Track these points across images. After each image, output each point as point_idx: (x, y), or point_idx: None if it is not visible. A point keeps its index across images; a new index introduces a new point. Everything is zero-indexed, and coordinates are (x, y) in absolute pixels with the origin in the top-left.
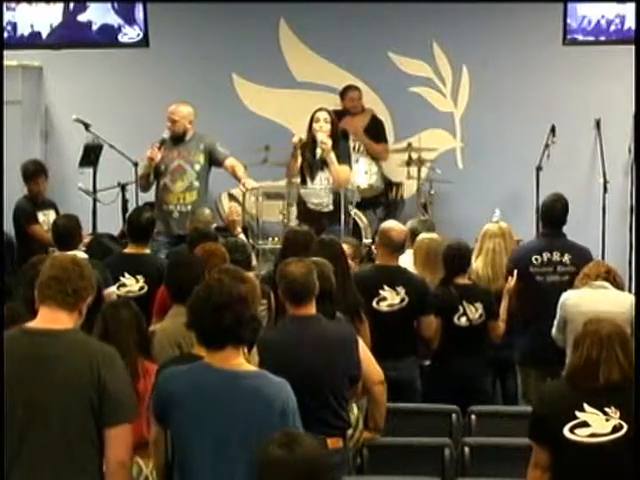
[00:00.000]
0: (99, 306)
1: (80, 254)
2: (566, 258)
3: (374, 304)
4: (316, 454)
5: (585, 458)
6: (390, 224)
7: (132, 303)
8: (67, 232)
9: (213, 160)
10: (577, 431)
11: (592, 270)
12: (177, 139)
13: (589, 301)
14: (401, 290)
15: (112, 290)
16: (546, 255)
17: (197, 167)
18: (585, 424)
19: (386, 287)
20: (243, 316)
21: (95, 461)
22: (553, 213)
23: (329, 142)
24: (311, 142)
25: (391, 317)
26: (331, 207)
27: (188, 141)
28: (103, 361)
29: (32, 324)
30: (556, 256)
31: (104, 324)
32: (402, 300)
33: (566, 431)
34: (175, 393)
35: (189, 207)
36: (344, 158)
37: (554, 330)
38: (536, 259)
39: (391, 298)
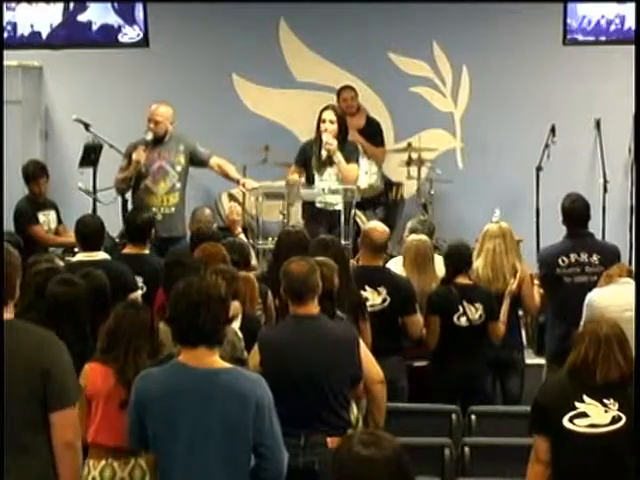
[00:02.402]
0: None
1: (104, 255)
2: (595, 258)
3: None
4: (401, 450)
5: (584, 448)
6: (373, 225)
7: (145, 306)
8: (91, 233)
9: (195, 161)
10: (576, 421)
11: (615, 271)
12: (157, 140)
13: (616, 296)
14: (382, 290)
15: (138, 294)
16: (573, 256)
17: (178, 168)
18: (584, 415)
19: (368, 287)
20: (219, 317)
21: (42, 445)
22: (574, 213)
23: (334, 143)
24: (318, 141)
25: (373, 317)
26: (340, 206)
27: (167, 142)
28: (45, 346)
29: None
30: (584, 257)
31: (117, 326)
32: (384, 300)
33: (565, 421)
34: (148, 394)
35: (172, 209)
36: (351, 156)
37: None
38: (563, 261)
39: (373, 298)
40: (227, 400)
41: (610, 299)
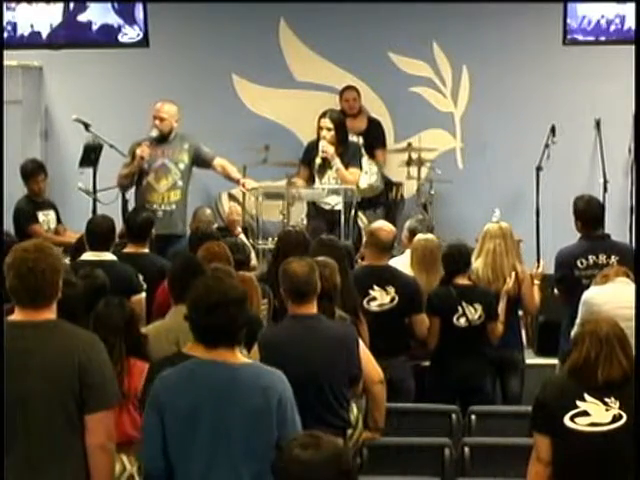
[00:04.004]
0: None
1: (110, 256)
2: (613, 260)
3: (364, 304)
4: (341, 451)
5: (585, 447)
6: (379, 224)
7: (126, 303)
8: (101, 233)
9: (199, 161)
10: (577, 420)
11: (612, 271)
12: (161, 138)
13: (613, 296)
14: (391, 289)
15: (142, 296)
16: (592, 258)
17: (181, 166)
18: (585, 413)
19: (376, 287)
20: (238, 317)
21: (79, 445)
22: (590, 214)
23: (330, 150)
24: (317, 147)
25: (381, 317)
26: (340, 206)
27: (172, 140)
28: (84, 348)
29: (14, 317)
30: (602, 258)
31: (95, 323)
32: (392, 299)
33: (567, 420)
34: (167, 393)
35: (173, 206)
36: (353, 159)
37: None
38: (581, 262)
39: (381, 298)
40: (250, 393)
41: (607, 297)
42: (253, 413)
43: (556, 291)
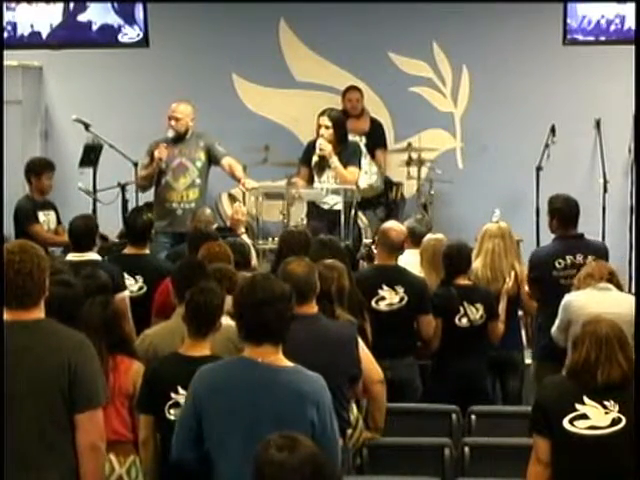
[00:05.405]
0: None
1: (94, 256)
2: (590, 260)
3: (373, 303)
4: (317, 453)
5: (584, 450)
6: (390, 224)
7: (110, 302)
8: (82, 233)
9: (211, 158)
10: (577, 423)
11: (596, 271)
12: (177, 137)
13: (594, 302)
14: (400, 289)
15: (125, 295)
16: (569, 258)
17: (199, 164)
18: (585, 416)
19: (385, 287)
20: (284, 314)
21: (69, 445)
22: (569, 214)
23: (327, 148)
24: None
25: (391, 316)
26: (340, 206)
27: (188, 139)
28: (73, 348)
29: (4, 318)
30: (579, 258)
31: (82, 321)
32: (401, 299)
33: (566, 423)
34: (207, 388)
35: (192, 204)
36: (352, 159)
37: (555, 330)
38: (559, 263)
39: (390, 297)
40: (286, 398)
41: (588, 305)
42: (288, 418)
43: (527, 288)
